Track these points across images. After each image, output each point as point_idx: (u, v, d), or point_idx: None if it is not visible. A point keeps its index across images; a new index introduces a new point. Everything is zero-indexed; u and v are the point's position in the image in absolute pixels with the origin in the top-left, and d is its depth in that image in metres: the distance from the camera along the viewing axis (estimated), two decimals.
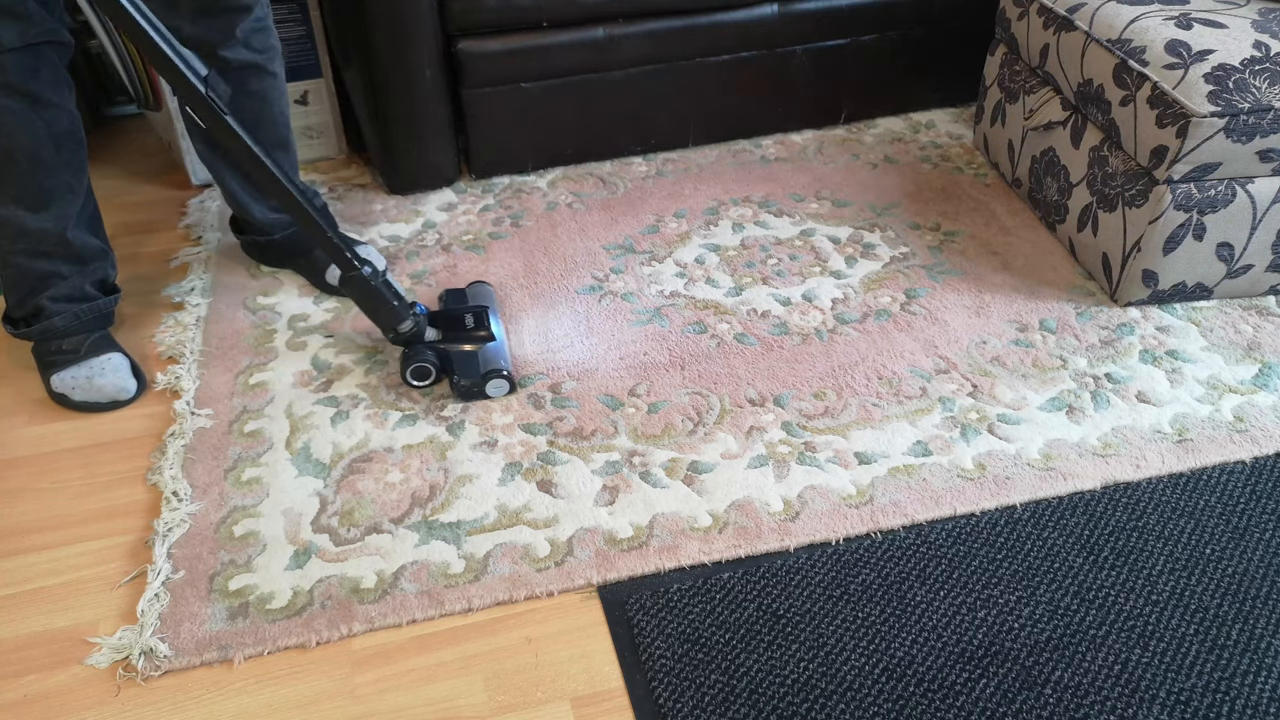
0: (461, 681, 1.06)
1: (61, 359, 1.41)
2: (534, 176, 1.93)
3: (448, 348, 1.40)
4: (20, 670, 1.09)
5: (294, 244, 1.62)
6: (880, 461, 1.29)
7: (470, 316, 1.45)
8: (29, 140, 1.27)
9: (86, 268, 1.41)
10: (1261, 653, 1.06)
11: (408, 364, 1.38)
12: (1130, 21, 1.49)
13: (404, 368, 1.39)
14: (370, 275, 1.35)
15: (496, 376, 1.38)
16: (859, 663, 1.06)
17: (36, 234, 1.33)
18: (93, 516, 1.26)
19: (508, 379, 1.38)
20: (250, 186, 1.55)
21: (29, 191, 1.30)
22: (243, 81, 1.43)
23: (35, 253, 1.35)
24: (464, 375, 1.37)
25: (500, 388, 1.38)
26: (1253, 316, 1.51)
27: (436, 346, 1.40)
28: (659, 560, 1.17)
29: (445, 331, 1.42)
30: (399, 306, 1.37)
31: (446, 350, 1.40)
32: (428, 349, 1.39)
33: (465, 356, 1.39)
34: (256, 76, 1.44)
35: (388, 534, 1.21)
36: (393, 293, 1.37)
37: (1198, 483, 1.26)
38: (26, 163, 1.28)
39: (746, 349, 1.48)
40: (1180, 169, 1.39)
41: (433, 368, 1.39)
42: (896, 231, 1.74)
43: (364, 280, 1.35)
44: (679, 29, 1.83)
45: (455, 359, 1.39)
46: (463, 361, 1.39)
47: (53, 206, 1.33)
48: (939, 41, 1.99)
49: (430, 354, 1.39)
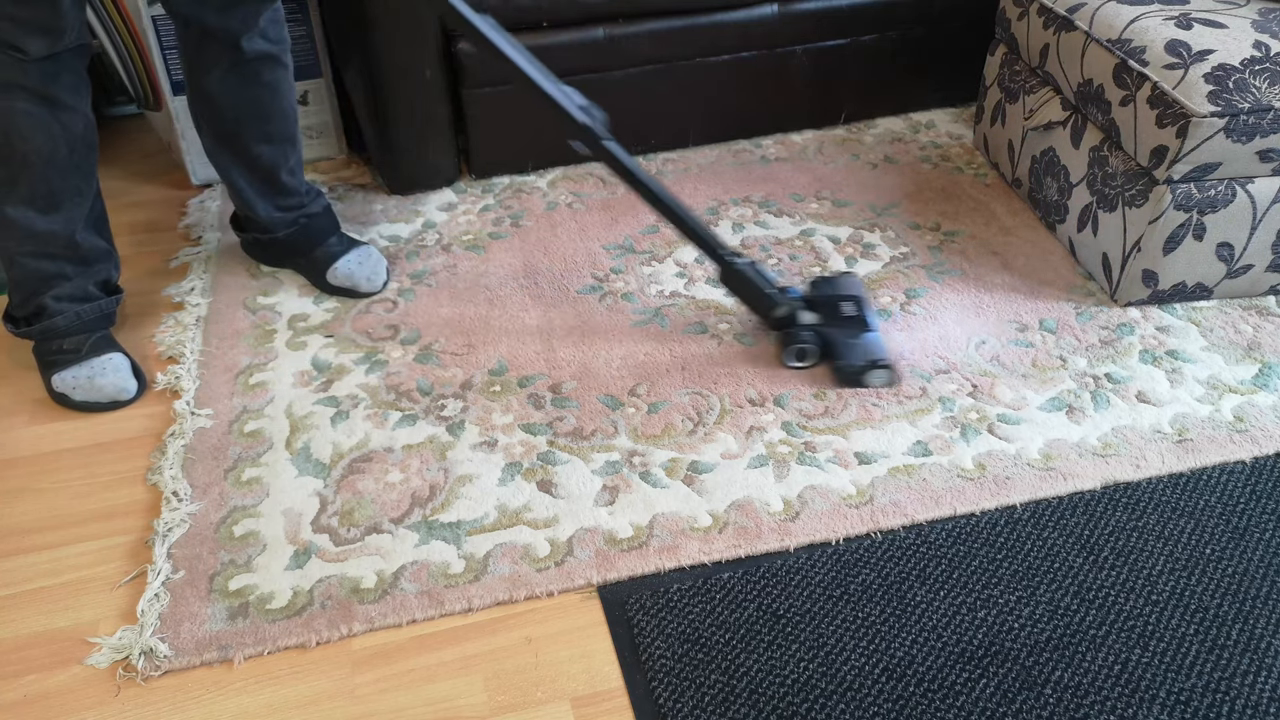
0: (461, 681, 1.06)
1: (63, 359, 1.41)
2: (534, 176, 1.93)
3: (829, 332, 1.43)
4: (20, 670, 1.09)
5: (296, 243, 1.62)
6: (880, 461, 1.29)
7: (850, 304, 1.47)
8: (45, 143, 1.27)
9: (91, 269, 1.41)
10: (1261, 653, 1.06)
11: (789, 344, 1.42)
12: (1130, 21, 1.49)
13: (784, 347, 1.43)
14: (746, 265, 1.41)
15: (879, 366, 1.39)
16: (859, 663, 1.06)
17: (45, 236, 1.34)
18: (93, 516, 1.26)
19: (889, 370, 1.40)
20: (260, 185, 1.55)
21: (41, 194, 1.30)
22: (257, 73, 1.43)
23: (42, 254, 1.35)
24: (848, 360, 1.40)
25: (880, 378, 1.39)
26: (1253, 316, 1.51)
27: (818, 329, 1.43)
28: (659, 560, 1.17)
29: (824, 315, 1.45)
30: (774, 293, 1.43)
31: (828, 334, 1.43)
32: (809, 331, 1.42)
33: (848, 342, 1.42)
34: (270, 67, 1.44)
35: (388, 534, 1.21)
36: (766, 280, 1.43)
37: (1198, 483, 1.26)
38: (42, 165, 1.28)
39: (747, 349, 1.48)
40: (1180, 169, 1.39)
41: (814, 349, 1.42)
42: (896, 231, 1.74)
43: (735, 269, 1.41)
44: (679, 29, 1.83)
45: (838, 344, 1.42)
46: (846, 347, 1.41)
47: (62, 209, 1.33)
48: (939, 41, 1.99)
49: (812, 337, 1.42)
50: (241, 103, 1.45)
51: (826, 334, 1.42)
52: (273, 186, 1.55)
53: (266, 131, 1.49)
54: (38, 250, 1.35)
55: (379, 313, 1.58)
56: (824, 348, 1.42)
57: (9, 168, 1.27)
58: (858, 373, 1.39)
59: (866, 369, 1.39)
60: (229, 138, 1.49)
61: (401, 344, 1.51)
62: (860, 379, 1.39)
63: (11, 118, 1.24)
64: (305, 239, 1.61)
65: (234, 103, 1.44)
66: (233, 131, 1.48)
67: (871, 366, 1.39)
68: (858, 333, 1.43)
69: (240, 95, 1.44)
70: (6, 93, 1.23)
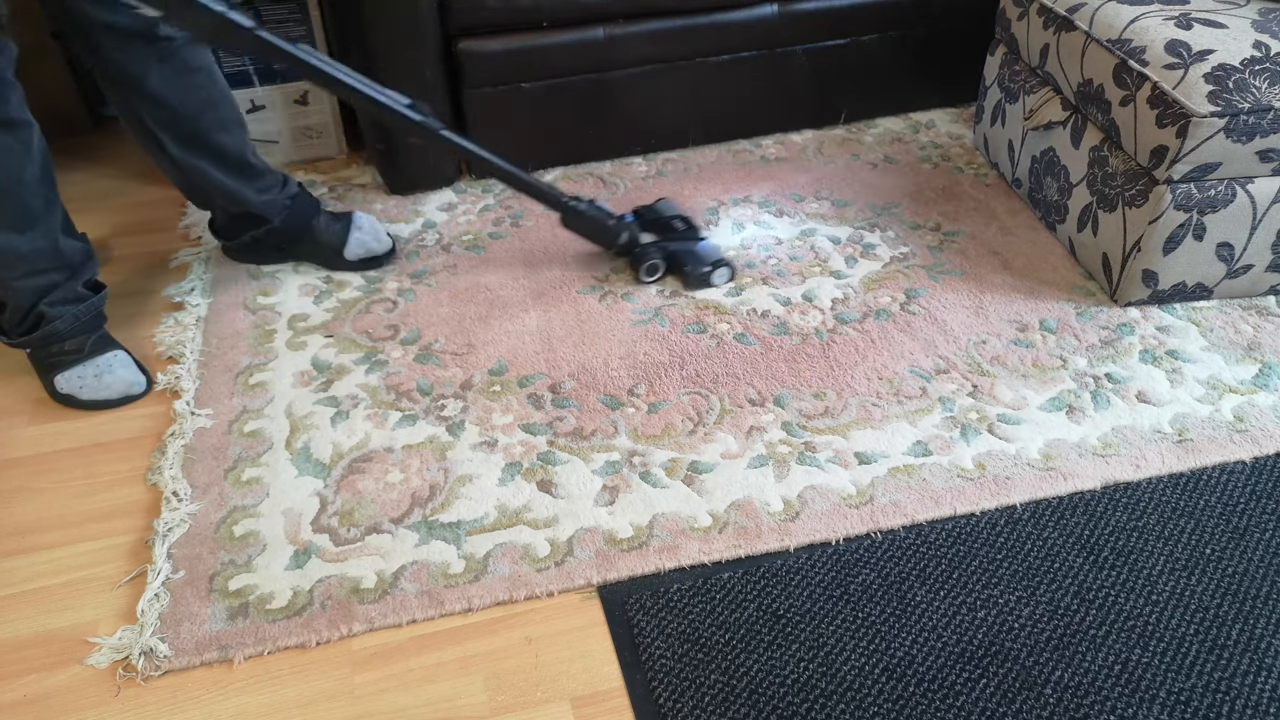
0: (461, 681, 1.06)
1: (65, 359, 1.41)
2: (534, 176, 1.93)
3: (670, 246, 1.61)
4: (20, 670, 1.09)
5: (292, 226, 1.62)
6: (880, 461, 1.29)
7: (679, 220, 1.65)
8: (12, 167, 1.26)
9: (77, 271, 1.40)
10: (1261, 653, 1.06)
11: (641, 262, 1.60)
12: (1130, 21, 1.49)
13: (637, 266, 1.60)
14: (586, 205, 1.57)
15: (722, 265, 1.59)
16: (859, 663, 1.06)
17: (31, 255, 1.33)
18: (93, 516, 1.26)
19: (730, 266, 1.60)
20: (237, 174, 1.53)
21: (17, 215, 1.29)
22: (187, 60, 1.41)
23: (33, 272, 1.34)
24: (694, 266, 1.58)
25: (724, 275, 1.60)
26: (1253, 316, 1.51)
27: (661, 245, 1.61)
28: (659, 560, 1.17)
29: (660, 234, 1.63)
30: (615, 223, 1.59)
31: (669, 248, 1.61)
32: (654, 248, 1.61)
33: (689, 252, 1.60)
34: (194, 51, 1.42)
35: (388, 534, 1.21)
36: (605, 213, 1.59)
37: (1198, 483, 1.26)
38: (13, 187, 1.27)
39: (746, 349, 1.48)
40: (1180, 169, 1.39)
41: (662, 263, 1.60)
42: (896, 231, 1.74)
43: (578, 211, 1.57)
44: (679, 29, 1.83)
45: (681, 254, 1.60)
46: (689, 256, 1.60)
47: (39, 223, 1.32)
48: (939, 41, 1.99)
49: (657, 251, 1.60)
50: (187, 95, 1.43)
51: (669, 248, 1.61)
52: (245, 171, 1.55)
53: (220, 119, 1.49)
54: (28, 270, 1.34)
55: (379, 313, 1.58)
56: (669, 259, 1.61)
57: None
58: (705, 275, 1.59)
59: (711, 270, 1.58)
60: (191, 136, 1.47)
61: (401, 344, 1.51)
62: (707, 279, 1.59)
63: None
64: (299, 220, 1.62)
65: (182, 98, 1.43)
66: (193, 130, 1.46)
67: (716, 265, 1.59)
68: (694, 243, 1.62)
69: (183, 87, 1.42)
70: None
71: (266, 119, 1.93)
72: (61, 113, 2.06)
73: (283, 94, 1.92)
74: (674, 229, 1.63)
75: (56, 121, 2.05)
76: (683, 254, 1.60)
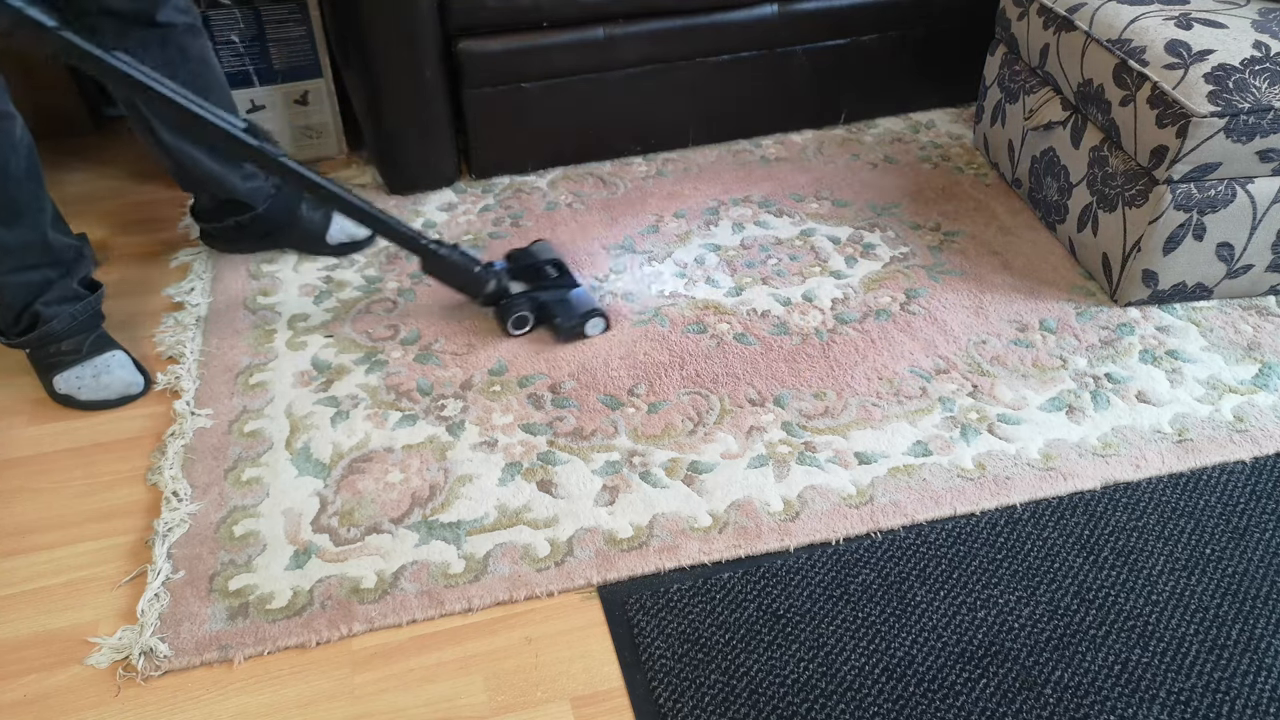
0: (461, 681, 1.06)
1: (64, 360, 1.41)
2: (534, 176, 1.93)
3: (540, 296, 1.51)
4: (20, 670, 1.09)
5: (275, 214, 1.64)
6: (880, 461, 1.29)
7: (550, 267, 1.56)
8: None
9: (70, 269, 1.40)
10: (1261, 653, 1.06)
11: (508, 314, 1.49)
12: (1130, 21, 1.49)
13: (504, 319, 1.50)
14: (449, 250, 1.46)
15: (594, 316, 1.49)
16: (859, 663, 1.06)
17: (19, 249, 1.33)
18: (93, 516, 1.26)
19: (604, 317, 1.50)
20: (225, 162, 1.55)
21: (2, 208, 1.29)
22: (183, 47, 1.43)
23: (21, 267, 1.35)
24: (564, 318, 1.49)
25: (597, 326, 1.50)
26: (1253, 316, 1.51)
27: (530, 296, 1.51)
28: (659, 560, 1.17)
29: (530, 282, 1.54)
30: (481, 271, 1.48)
31: (539, 298, 1.51)
32: (523, 299, 1.50)
33: (560, 302, 1.51)
34: (192, 37, 1.44)
35: (388, 534, 1.21)
36: (470, 260, 1.48)
37: (1198, 483, 1.26)
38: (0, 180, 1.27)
39: (746, 349, 1.48)
40: (1180, 169, 1.39)
41: (531, 315, 1.50)
42: (896, 231, 1.74)
43: (438, 256, 1.45)
44: (679, 29, 1.83)
45: (552, 305, 1.50)
46: (559, 306, 1.50)
47: (25, 217, 1.32)
48: (939, 41, 1.99)
49: (526, 303, 1.50)
50: (183, 84, 1.41)
51: (538, 298, 1.51)
52: (233, 159, 1.57)
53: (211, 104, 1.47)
54: (16, 265, 1.34)
55: (379, 313, 1.58)
56: (538, 311, 1.51)
57: None
58: (577, 325, 1.49)
59: (583, 320, 1.49)
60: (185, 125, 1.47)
61: (401, 344, 1.51)
62: (579, 330, 1.49)
63: None
64: (283, 207, 1.65)
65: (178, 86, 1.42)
66: None
67: (588, 316, 1.49)
68: (565, 291, 1.53)
69: (179, 75, 1.41)
70: None
71: (266, 119, 1.92)
72: (61, 113, 2.06)
73: (283, 94, 1.92)
74: (545, 275, 1.54)
75: (56, 121, 2.05)
76: (553, 304, 1.50)
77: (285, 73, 1.90)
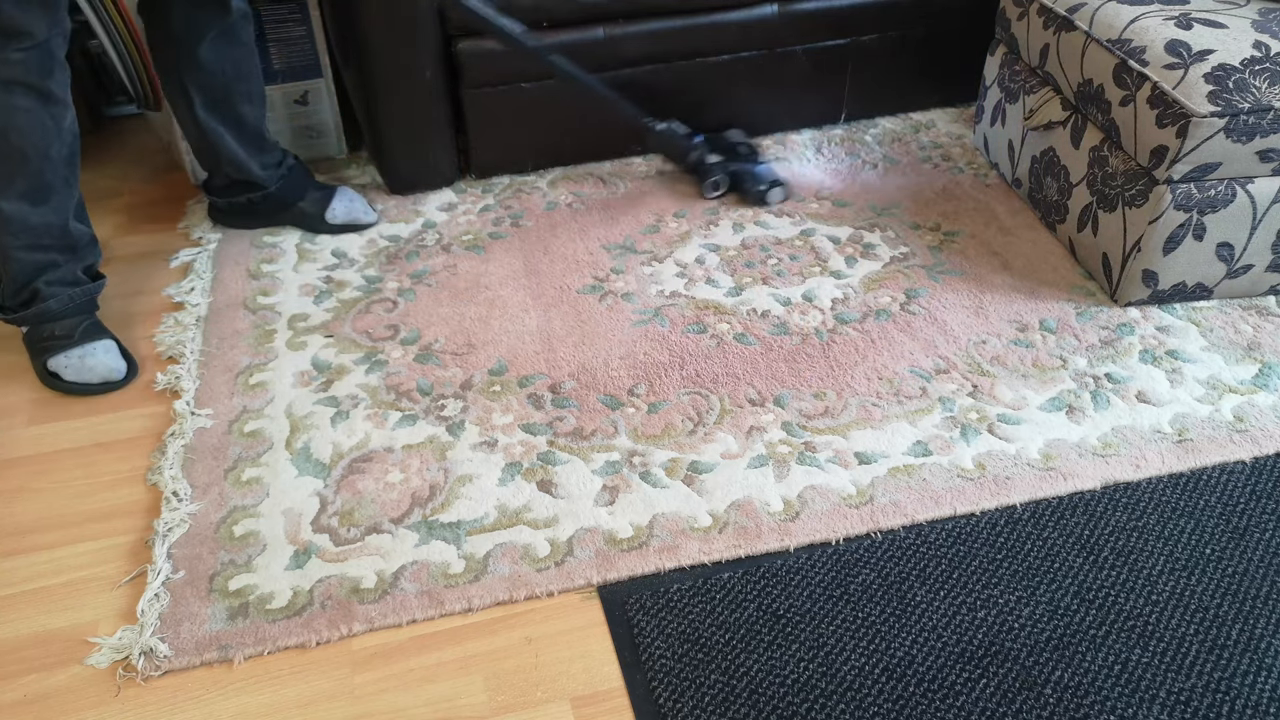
0: (461, 681, 1.06)
1: (55, 344, 1.44)
2: (534, 176, 1.93)
3: (732, 166, 1.83)
4: (20, 670, 1.09)
5: (285, 194, 1.71)
6: (880, 461, 1.29)
7: (743, 146, 1.89)
8: (41, 138, 1.31)
9: (79, 255, 1.44)
10: (1261, 653, 1.06)
11: (707, 177, 1.81)
12: (1130, 21, 1.49)
13: (703, 180, 1.81)
14: (664, 127, 1.80)
15: (777, 185, 1.80)
16: (859, 663, 1.06)
17: (40, 228, 1.37)
18: (93, 516, 1.26)
19: (785, 186, 1.81)
20: (249, 144, 1.63)
21: (35, 187, 1.34)
22: (239, 33, 1.53)
23: (36, 246, 1.38)
24: (752, 184, 1.79)
25: (779, 194, 1.80)
26: (1253, 316, 1.51)
27: (725, 165, 1.82)
28: (659, 560, 1.17)
29: (725, 156, 1.85)
30: (686, 143, 1.82)
31: (732, 168, 1.83)
32: (718, 167, 1.82)
33: (749, 172, 1.82)
34: (246, 26, 1.55)
35: (388, 534, 1.21)
36: (679, 134, 1.81)
37: (1198, 483, 1.26)
38: (38, 160, 1.31)
39: (746, 349, 1.48)
40: (1180, 169, 1.39)
41: (725, 181, 1.81)
42: (896, 231, 1.74)
43: (660, 133, 1.80)
44: (679, 29, 1.83)
45: (742, 174, 1.82)
46: (748, 176, 1.81)
47: (53, 200, 1.36)
48: (939, 41, 1.99)
49: (721, 170, 1.81)
50: (230, 65, 1.54)
51: (731, 168, 1.82)
52: (257, 144, 1.65)
53: (249, 91, 1.59)
54: (32, 243, 1.38)
55: (379, 313, 1.58)
56: (731, 177, 1.81)
57: (7, 164, 1.30)
58: (763, 192, 1.78)
59: (769, 188, 1.78)
60: (219, 103, 1.57)
61: (401, 344, 1.51)
62: (764, 196, 1.78)
63: (10, 115, 1.27)
64: (293, 188, 1.72)
65: (223, 66, 1.53)
66: (223, 96, 1.56)
67: (772, 185, 1.79)
68: (754, 165, 1.84)
69: (228, 58, 1.53)
70: (6, 90, 1.25)
71: (266, 119, 1.92)
72: None
73: (283, 94, 1.92)
74: (738, 153, 1.86)
75: None
76: (743, 174, 1.80)
77: (285, 73, 1.90)
